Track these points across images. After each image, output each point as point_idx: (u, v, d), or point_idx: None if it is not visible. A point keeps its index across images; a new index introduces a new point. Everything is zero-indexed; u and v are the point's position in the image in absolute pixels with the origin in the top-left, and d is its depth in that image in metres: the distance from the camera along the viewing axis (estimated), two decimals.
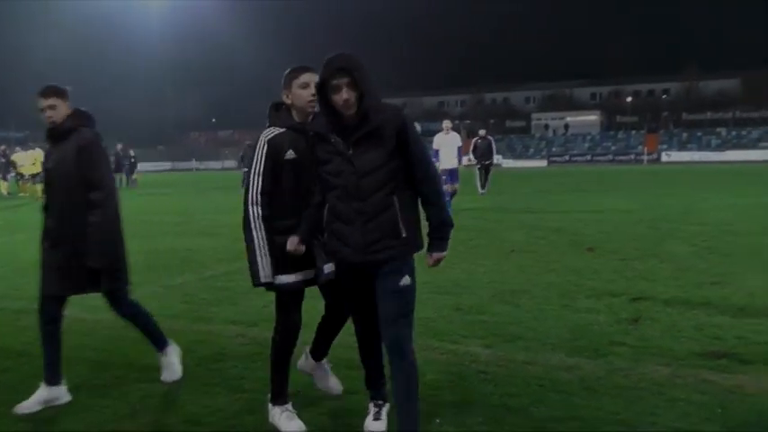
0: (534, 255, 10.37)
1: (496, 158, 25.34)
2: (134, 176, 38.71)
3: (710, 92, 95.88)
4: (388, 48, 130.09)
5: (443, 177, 16.36)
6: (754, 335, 5.91)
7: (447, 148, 17.30)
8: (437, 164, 16.31)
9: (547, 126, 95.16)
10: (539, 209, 18.23)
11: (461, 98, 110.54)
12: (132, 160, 39.18)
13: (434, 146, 17.35)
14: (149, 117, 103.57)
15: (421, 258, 3.90)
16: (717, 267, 9.06)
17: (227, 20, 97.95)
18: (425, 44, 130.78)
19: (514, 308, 6.98)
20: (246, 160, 33.81)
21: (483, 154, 24.06)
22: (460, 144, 17.60)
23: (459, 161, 17.45)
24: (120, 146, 38.00)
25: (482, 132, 24.60)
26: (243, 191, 4.15)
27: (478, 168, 24.19)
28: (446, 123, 18.02)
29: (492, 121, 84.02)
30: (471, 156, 24.23)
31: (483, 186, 23.95)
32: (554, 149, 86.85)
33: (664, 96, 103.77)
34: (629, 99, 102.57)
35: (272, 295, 4.24)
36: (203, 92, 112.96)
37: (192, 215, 18.70)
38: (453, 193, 17.09)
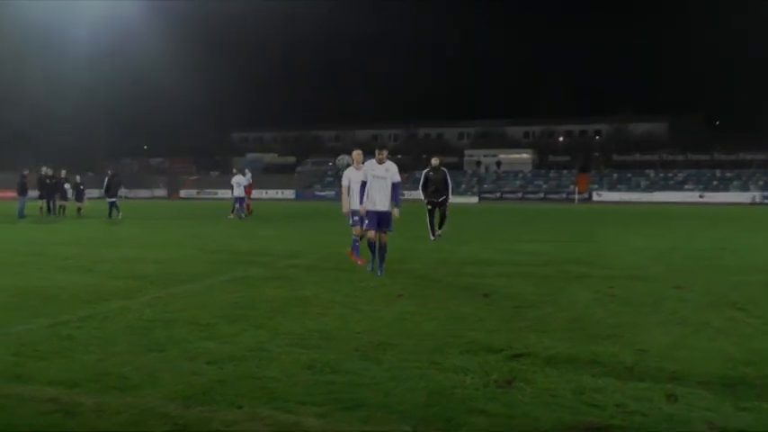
0: (422, 300, 9.52)
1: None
2: (82, 204, 34.80)
3: (640, 134, 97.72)
4: (322, 78, 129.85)
5: (366, 221, 12.34)
6: (635, 402, 5.15)
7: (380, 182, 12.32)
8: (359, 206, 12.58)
9: (479, 163, 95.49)
10: (445, 248, 17.27)
11: (395, 132, 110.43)
12: (81, 187, 35.37)
13: (362, 178, 12.61)
14: (80, 141, 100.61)
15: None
16: (614, 317, 8.37)
17: (164, 46, 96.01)
18: (360, 76, 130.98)
19: (374, 365, 6.10)
20: (112, 189, 32.42)
21: (437, 189, 19.22)
22: (398, 179, 12.53)
23: (397, 201, 12.41)
24: (45, 170, 34.18)
25: (434, 162, 19.75)
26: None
27: (429, 209, 19.41)
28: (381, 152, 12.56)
29: (424, 156, 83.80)
30: (421, 192, 19.54)
31: (438, 228, 19.37)
32: (485, 186, 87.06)
33: (596, 137, 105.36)
34: (561, 138, 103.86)
35: (109, 348, 3.24)
36: (137, 117, 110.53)
37: (88, 247, 17.45)
38: (383, 247, 12.30)
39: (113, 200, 32.04)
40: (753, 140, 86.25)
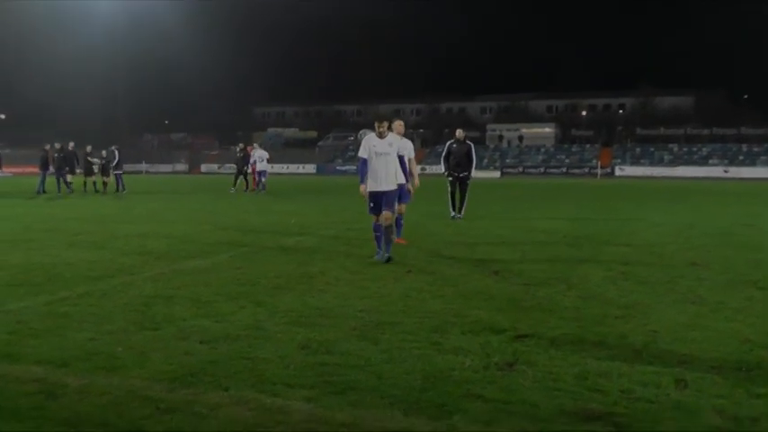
0: (431, 277, 9.26)
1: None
2: (107, 179, 33.12)
3: (664, 108, 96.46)
4: (346, 53, 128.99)
5: (371, 205, 11.23)
6: (641, 388, 4.87)
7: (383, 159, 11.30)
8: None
9: (501, 137, 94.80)
10: (460, 224, 16.91)
11: (417, 107, 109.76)
12: (103, 161, 33.12)
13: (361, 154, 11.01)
14: (103, 117, 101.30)
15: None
16: (627, 296, 8.06)
17: (185, 21, 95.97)
18: (383, 50, 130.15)
19: (371, 345, 5.86)
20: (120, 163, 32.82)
21: (459, 163, 18.13)
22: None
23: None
24: (70, 144, 33.25)
25: (459, 134, 18.48)
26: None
27: (450, 181, 18.40)
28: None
29: (447, 130, 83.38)
30: (443, 164, 18.48)
31: (456, 208, 18.28)
32: (508, 161, 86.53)
33: (619, 111, 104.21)
34: (584, 113, 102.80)
35: (103, 326, 3.04)
36: (158, 93, 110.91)
37: (102, 223, 17.32)
38: (391, 226, 10.93)
39: (120, 172, 32.55)
40: None
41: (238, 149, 35.08)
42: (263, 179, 32.74)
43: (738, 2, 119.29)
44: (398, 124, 12.58)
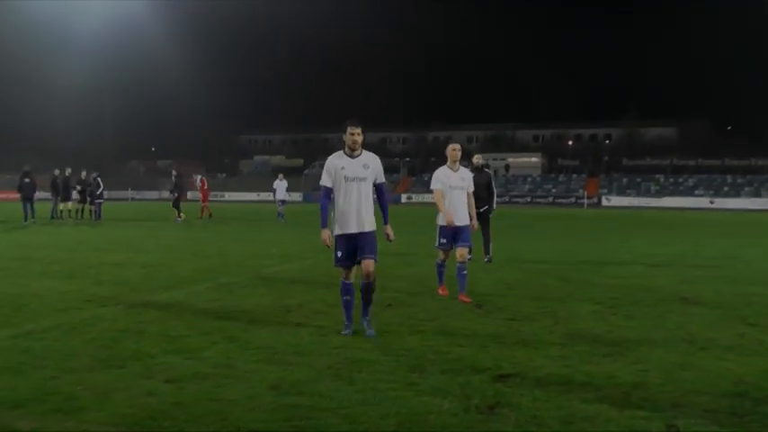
0: (411, 310, 8.96)
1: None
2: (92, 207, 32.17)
3: (650, 138, 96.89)
4: (331, 80, 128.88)
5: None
6: None
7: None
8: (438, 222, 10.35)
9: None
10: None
11: (404, 135, 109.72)
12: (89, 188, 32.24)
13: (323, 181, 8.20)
14: (89, 143, 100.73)
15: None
16: (615, 332, 7.78)
17: (173, 47, 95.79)
18: (369, 79, 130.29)
19: (345, 385, 5.54)
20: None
21: (478, 196, 12.93)
22: (383, 179, 8.00)
23: (385, 213, 8.08)
24: (67, 171, 32.29)
25: (477, 160, 15.53)
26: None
27: None
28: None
29: (433, 159, 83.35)
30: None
31: (485, 251, 15.11)
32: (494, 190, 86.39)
33: (605, 141, 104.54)
34: (570, 143, 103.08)
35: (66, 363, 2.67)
36: (144, 119, 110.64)
37: (80, 251, 16.94)
38: (369, 285, 7.68)
39: (100, 201, 31.84)
40: (764, 146, 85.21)
41: (173, 174, 34.06)
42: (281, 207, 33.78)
43: (721, 35, 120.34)
44: (452, 149, 10.29)
